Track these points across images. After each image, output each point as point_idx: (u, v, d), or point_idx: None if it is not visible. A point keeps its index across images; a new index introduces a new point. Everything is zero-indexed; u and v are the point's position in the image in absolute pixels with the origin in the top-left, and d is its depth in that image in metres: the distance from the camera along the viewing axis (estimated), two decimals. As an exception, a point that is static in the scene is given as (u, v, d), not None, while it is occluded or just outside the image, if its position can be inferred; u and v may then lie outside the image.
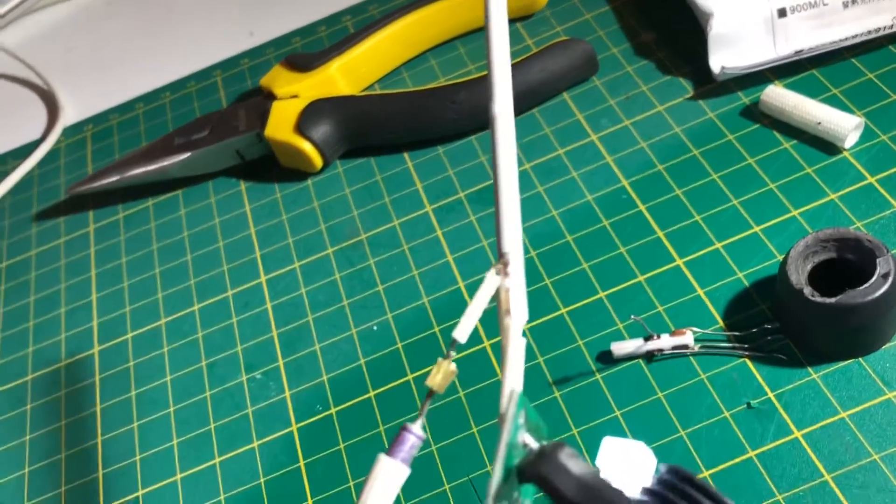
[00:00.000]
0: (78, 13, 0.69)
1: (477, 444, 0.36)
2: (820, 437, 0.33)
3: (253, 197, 0.50)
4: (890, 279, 0.33)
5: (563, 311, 0.40)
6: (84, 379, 0.45)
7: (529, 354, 0.38)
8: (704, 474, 0.33)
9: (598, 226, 0.42)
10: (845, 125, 0.41)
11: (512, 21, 0.53)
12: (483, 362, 0.39)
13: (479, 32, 0.54)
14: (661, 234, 0.41)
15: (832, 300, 0.33)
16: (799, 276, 0.34)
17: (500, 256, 0.26)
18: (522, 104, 0.47)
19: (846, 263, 0.35)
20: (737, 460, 0.33)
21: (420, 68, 0.53)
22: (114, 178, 0.51)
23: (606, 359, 0.37)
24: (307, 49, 0.57)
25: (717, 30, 0.44)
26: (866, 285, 0.33)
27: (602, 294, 0.40)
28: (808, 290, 0.34)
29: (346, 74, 0.51)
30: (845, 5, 0.44)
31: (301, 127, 0.48)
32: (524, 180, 0.45)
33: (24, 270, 0.52)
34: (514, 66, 0.47)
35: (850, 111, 0.42)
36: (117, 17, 0.67)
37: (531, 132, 0.47)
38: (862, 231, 0.35)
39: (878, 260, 0.33)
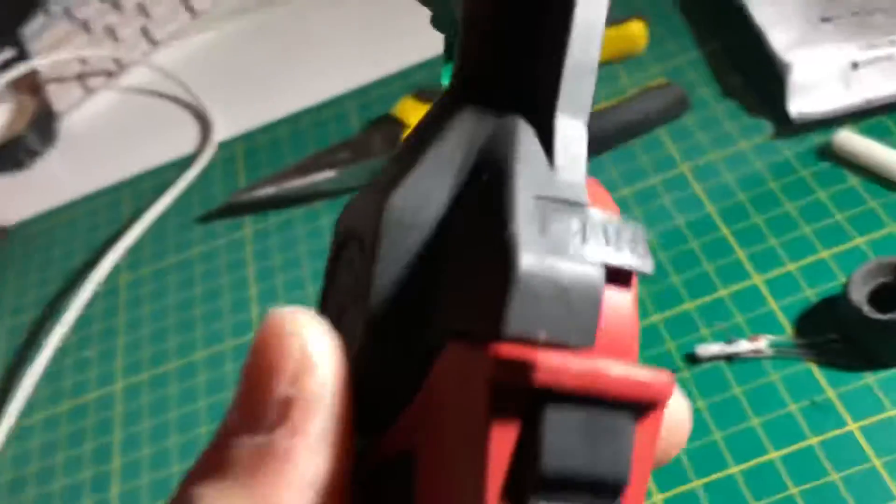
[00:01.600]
0: (226, 38, 0.79)
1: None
2: (872, 430, 0.40)
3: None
4: (937, 301, 0.40)
5: (657, 317, 0.47)
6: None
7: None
8: (771, 456, 0.41)
9: (686, 247, 0.49)
10: (907, 167, 0.47)
11: (611, 62, 0.60)
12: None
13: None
14: (741, 254, 0.48)
15: (886, 316, 0.40)
16: (860, 294, 0.41)
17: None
18: (622, 137, 0.55)
19: (902, 287, 0.42)
20: (800, 445, 0.40)
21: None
22: (272, 188, 0.60)
23: (692, 360, 0.45)
24: (431, 79, 0.66)
25: (795, 79, 0.51)
26: (916, 305, 0.40)
27: (689, 304, 0.47)
28: (866, 309, 0.41)
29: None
30: (912, 60, 0.51)
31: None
32: (621, 205, 0.53)
33: (189, 266, 0.61)
34: (617, 106, 0.55)
35: (913, 154, 0.48)
36: (261, 43, 0.77)
37: (629, 162, 0.55)
38: (915, 260, 0.42)
39: (927, 284, 0.40)
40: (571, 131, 0.19)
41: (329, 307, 0.21)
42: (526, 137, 0.19)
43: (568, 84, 0.19)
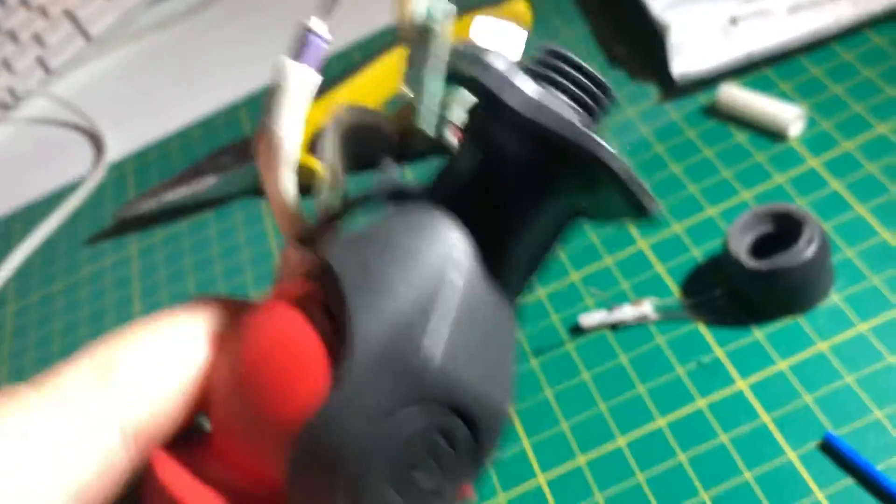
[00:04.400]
0: (121, 62, 0.76)
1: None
2: (760, 385, 0.37)
3: (272, 212, 0.56)
4: (814, 245, 0.37)
5: (541, 292, 0.44)
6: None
7: (510, 331, 0.43)
8: (659, 423, 0.38)
9: (572, 218, 0.47)
10: (788, 115, 0.45)
11: (499, 44, 0.59)
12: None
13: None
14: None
15: (763, 264, 0.38)
16: (739, 246, 0.39)
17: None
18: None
19: (783, 236, 0.39)
20: (688, 410, 0.38)
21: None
22: (152, 202, 0.57)
23: (577, 331, 0.42)
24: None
25: (675, 39, 0.49)
26: (793, 250, 0.37)
27: (575, 275, 0.44)
28: (744, 258, 0.38)
29: (352, 99, 0.57)
30: (791, 11, 0.49)
31: (313, 149, 0.54)
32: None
33: (76, 290, 0.58)
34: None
35: (797, 104, 0.47)
36: (156, 64, 0.74)
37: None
38: (795, 205, 0.39)
39: (803, 227, 0.38)
40: None
41: None
42: None
43: None
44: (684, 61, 0.49)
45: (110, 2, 0.79)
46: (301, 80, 0.22)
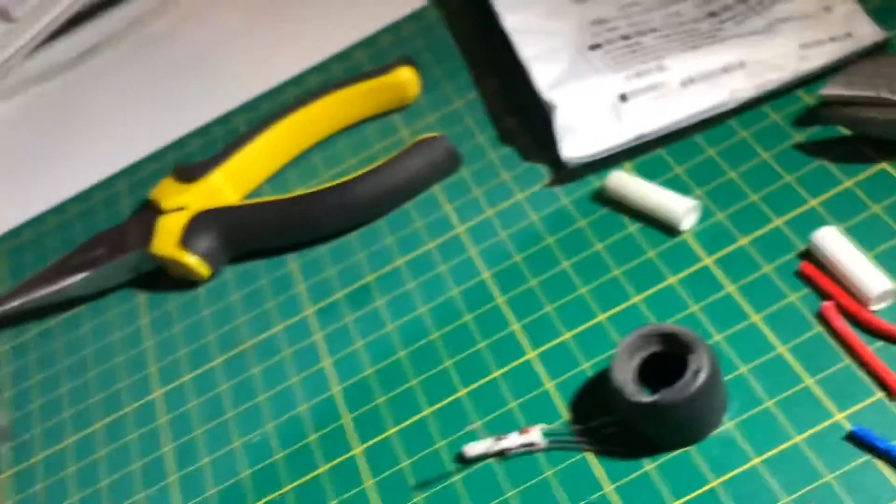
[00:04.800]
0: (-4, 123, 0.71)
1: None
2: (651, 528, 0.35)
3: (151, 307, 0.52)
4: (702, 375, 0.35)
5: (428, 411, 0.42)
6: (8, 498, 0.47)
7: (391, 459, 0.40)
8: (546, 573, 0.35)
9: (460, 321, 0.44)
10: (679, 208, 0.43)
11: (387, 114, 0.55)
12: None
13: (358, 126, 0.56)
14: (516, 326, 0.43)
15: (650, 400, 0.35)
16: (624, 374, 0.36)
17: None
18: (392, 202, 0.50)
19: (672, 356, 0.37)
20: (575, 557, 0.35)
21: (304, 166, 0.55)
22: (20, 301, 0.53)
23: (462, 460, 0.39)
24: (205, 149, 0.59)
25: (562, 121, 0.46)
26: (679, 384, 0.35)
27: (462, 391, 0.42)
28: (629, 390, 0.36)
29: (231, 180, 0.53)
30: (683, 84, 0.46)
31: (185, 241, 0.50)
32: (396, 278, 0.47)
33: (-55, 395, 0.54)
34: (380, 168, 0.49)
35: (691, 191, 0.44)
36: (22, 128, 0.69)
37: (403, 228, 0.49)
38: (685, 320, 0.37)
39: (689, 357, 0.35)
40: None
41: None
42: None
43: None
44: (572, 144, 0.46)
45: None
46: None
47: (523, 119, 0.51)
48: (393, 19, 0.61)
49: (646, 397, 0.35)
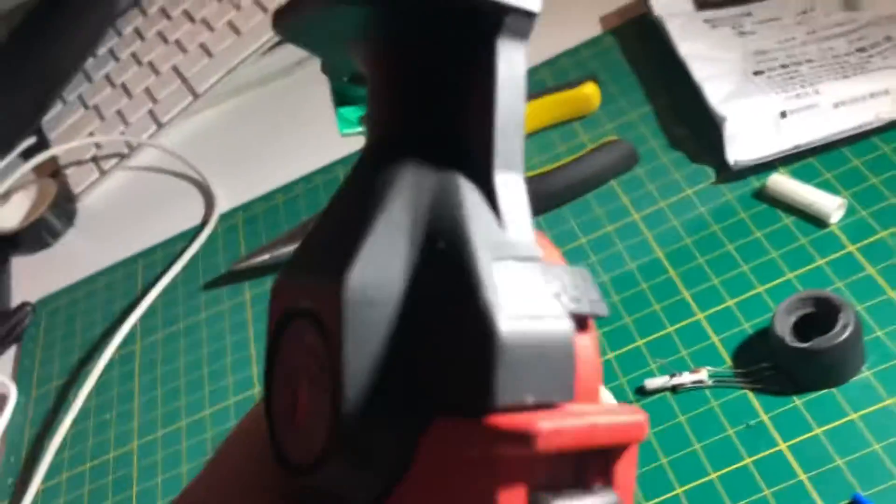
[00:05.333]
0: (225, 116, 0.85)
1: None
2: (799, 448, 0.44)
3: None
4: (849, 329, 0.44)
5: (611, 355, 0.52)
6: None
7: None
8: (710, 477, 0.45)
9: (637, 289, 0.54)
10: (830, 204, 0.52)
11: (570, 121, 0.66)
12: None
13: (543, 131, 0.66)
14: (686, 293, 0.53)
15: (805, 345, 0.44)
16: (784, 326, 0.46)
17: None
18: (579, 191, 0.60)
19: (823, 316, 0.46)
20: (736, 466, 0.45)
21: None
22: (266, 256, 0.66)
23: (641, 392, 0.49)
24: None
25: (730, 130, 0.56)
26: (830, 333, 0.44)
27: (640, 341, 0.51)
28: (788, 338, 0.45)
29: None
30: (835, 106, 0.56)
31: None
32: (580, 254, 0.58)
33: (197, 330, 0.67)
34: (571, 162, 0.60)
35: (838, 192, 0.53)
36: (256, 119, 0.83)
37: (586, 213, 0.60)
38: (833, 292, 0.46)
39: (839, 313, 0.44)
40: (512, 186, 0.19)
41: (276, 388, 0.21)
42: (471, 197, 0.19)
43: (501, 140, 0.19)
44: (738, 150, 0.56)
45: (214, 60, 0.88)
46: None
47: (692, 131, 0.61)
48: (573, 44, 0.72)
49: (802, 344, 0.44)
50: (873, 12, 0.61)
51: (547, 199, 0.60)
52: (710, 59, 0.61)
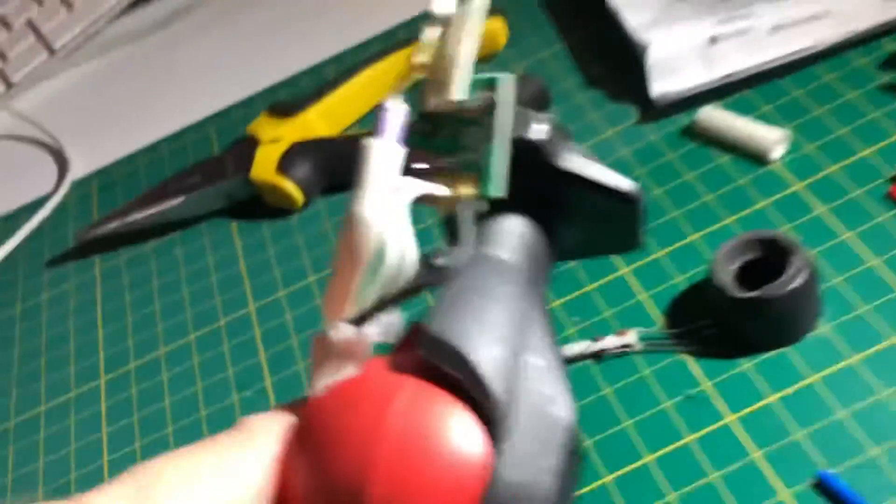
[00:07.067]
0: (86, 76, 0.74)
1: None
2: (750, 420, 0.36)
3: (243, 234, 0.54)
4: (803, 274, 0.36)
5: (522, 321, 0.43)
6: (91, 407, 0.49)
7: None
8: (646, 460, 0.37)
9: (553, 243, 0.46)
10: (770, 137, 0.44)
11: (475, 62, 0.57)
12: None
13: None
14: (609, 246, 0.44)
15: (752, 294, 0.37)
16: (725, 275, 0.38)
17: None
18: (484, 136, 0.51)
19: (770, 262, 0.38)
20: (676, 445, 0.37)
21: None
22: (116, 224, 0.55)
23: (559, 361, 0.41)
24: (286, 96, 0.62)
25: (654, 59, 0.49)
26: (781, 280, 0.36)
27: (556, 302, 0.43)
28: (731, 289, 0.37)
29: (324, 118, 0.56)
30: (772, 30, 0.48)
31: (283, 167, 0.52)
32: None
33: (36, 313, 0.56)
34: (474, 103, 0.51)
35: (780, 126, 0.46)
36: (122, 79, 0.72)
37: (493, 162, 0.51)
38: (782, 232, 0.39)
39: (790, 256, 0.37)
40: None
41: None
42: None
43: None
44: (663, 82, 0.48)
45: (74, 14, 0.77)
46: (382, 157, 0.23)
47: (611, 67, 0.53)
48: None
49: (748, 293, 0.37)
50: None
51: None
52: (629, -15, 0.54)
